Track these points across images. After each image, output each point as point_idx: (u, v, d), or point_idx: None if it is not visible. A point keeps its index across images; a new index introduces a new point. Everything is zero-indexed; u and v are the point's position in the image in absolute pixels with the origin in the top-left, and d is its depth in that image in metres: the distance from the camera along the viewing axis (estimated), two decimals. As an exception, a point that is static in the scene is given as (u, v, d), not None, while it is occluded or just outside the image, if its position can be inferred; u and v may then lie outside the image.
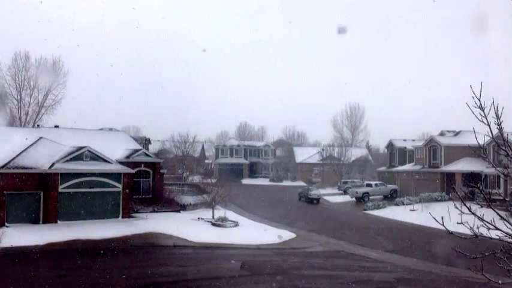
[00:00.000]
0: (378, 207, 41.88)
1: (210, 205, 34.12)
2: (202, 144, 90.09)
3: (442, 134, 52.04)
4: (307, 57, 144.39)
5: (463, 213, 6.12)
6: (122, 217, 30.33)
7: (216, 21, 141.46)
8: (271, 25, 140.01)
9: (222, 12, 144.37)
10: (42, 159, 29.15)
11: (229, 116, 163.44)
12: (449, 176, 44.75)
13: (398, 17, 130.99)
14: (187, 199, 40.36)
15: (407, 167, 54.71)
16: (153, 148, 66.53)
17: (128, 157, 35.65)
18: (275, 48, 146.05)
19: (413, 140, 61.12)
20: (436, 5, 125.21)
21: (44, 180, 28.31)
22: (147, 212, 33.06)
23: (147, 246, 24.10)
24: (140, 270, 19.23)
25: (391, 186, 51.32)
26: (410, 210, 39.21)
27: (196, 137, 74.47)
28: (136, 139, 49.06)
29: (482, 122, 5.83)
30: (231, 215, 34.34)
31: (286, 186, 69.30)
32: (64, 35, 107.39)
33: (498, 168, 7.27)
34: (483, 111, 5.82)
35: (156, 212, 33.99)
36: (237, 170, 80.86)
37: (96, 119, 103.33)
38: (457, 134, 50.45)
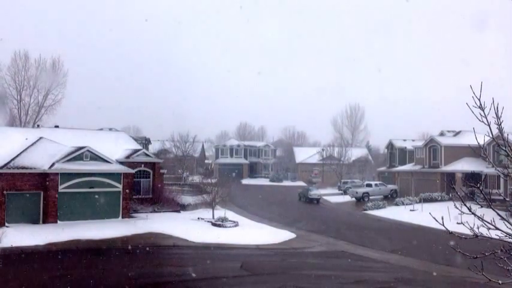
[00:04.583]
0: (377, 207, 41.85)
1: (210, 205, 34.09)
2: (202, 144, 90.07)
3: (442, 134, 52.04)
4: (307, 57, 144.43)
5: (463, 213, 6.10)
6: (122, 217, 30.34)
7: (216, 21, 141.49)
8: (271, 25, 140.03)
9: (223, 13, 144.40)
10: (42, 159, 29.15)
11: (229, 116, 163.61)
12: (449, 176, 44.74)
13: (399, 16, 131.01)
14: (187, 199, 40.37)
15: (407, 167, 54.69)
16: (153, 148, 66.53)
17: (127, 157, 35.65)
18: (275, 48, 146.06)
19: (413, 140, 61.11)
20: (437, 4, 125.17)
21: (44, 180, 28.30)
22: (147, 212, 33.06)
23: (147, 246, 24.06)
24: (140, 270, 19.22)
25: (391, 186, 51.28)
26: (410, 210, 39.19)
27: (196, 137, 74.49)
28: (136, 139, 49.08)
29: (482, 122, 5.82)
30: (231, 215, 34.32)
31: (286, 186, 69.26)
32: (64, 34, 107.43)
33: (498, 168, 7.25)
34: (483, 111, 5.81)
35: (156, 212, 34.00)
36: (237, 170, 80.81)
37: (96, 119, 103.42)
38: (457, 134, 50.45)
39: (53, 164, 28.56)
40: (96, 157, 30.34)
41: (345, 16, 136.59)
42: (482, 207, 6.12)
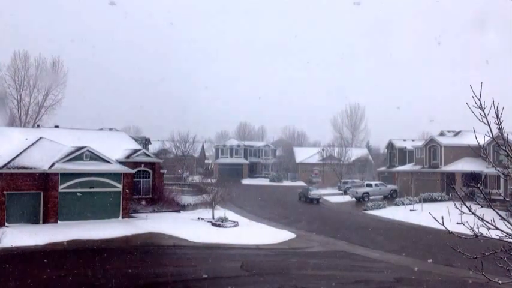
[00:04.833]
0: (377, 207, 41.84)
1: (210, 205, 34.11)
2: (202, 144, 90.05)
3: (442, 134, 52.03)
4: (308, 57, 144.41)
5: (463, 213, 6.11)
6: (122, 217, 30.34)
7: (216, 21, 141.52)
8: (271, 25, 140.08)
9: (223, 12, 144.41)
10: (42, 159, 29.15)
11: (229, 116, 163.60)
12: (449, 176, 44.73)
13: (399, 16, 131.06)
14: (187, 199, 40.38)
15: (407, 167, 54.69)
16: (153, 148, 66.47)
17: (128, 157, 35.66)
18: (275, 48, 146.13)
19: (413, 140, 61.09)
20: (437, 4, 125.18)
21: (44, 180, 28.31)
22: (147, 212, 33.07)
23: (147, 246, 24.09)
24: (140, 270, 19.22)
25: (391, 186, 51.26)
26: (410, 210, 39.19)
27: (196, 137, 74.50)
28: (136, 139, 49.04)
29: (483, 122, 5.82)
30: (231, 215, 34.32)
31: (286, 186, 69.25)
32: (63, 34, 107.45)
33: (498, 168, 7.24)
34: (483, 111, 5.81)
35: (156, 212, 34.01)
36: (237, 170, 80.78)
37: (96, 119, 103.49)
38: (457, 134, 50.45)
39: (53, 164, 28.57)
40: (96, 157, 30.34)
41: (345, 15, 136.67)
42: (482, 207, 6.12)
